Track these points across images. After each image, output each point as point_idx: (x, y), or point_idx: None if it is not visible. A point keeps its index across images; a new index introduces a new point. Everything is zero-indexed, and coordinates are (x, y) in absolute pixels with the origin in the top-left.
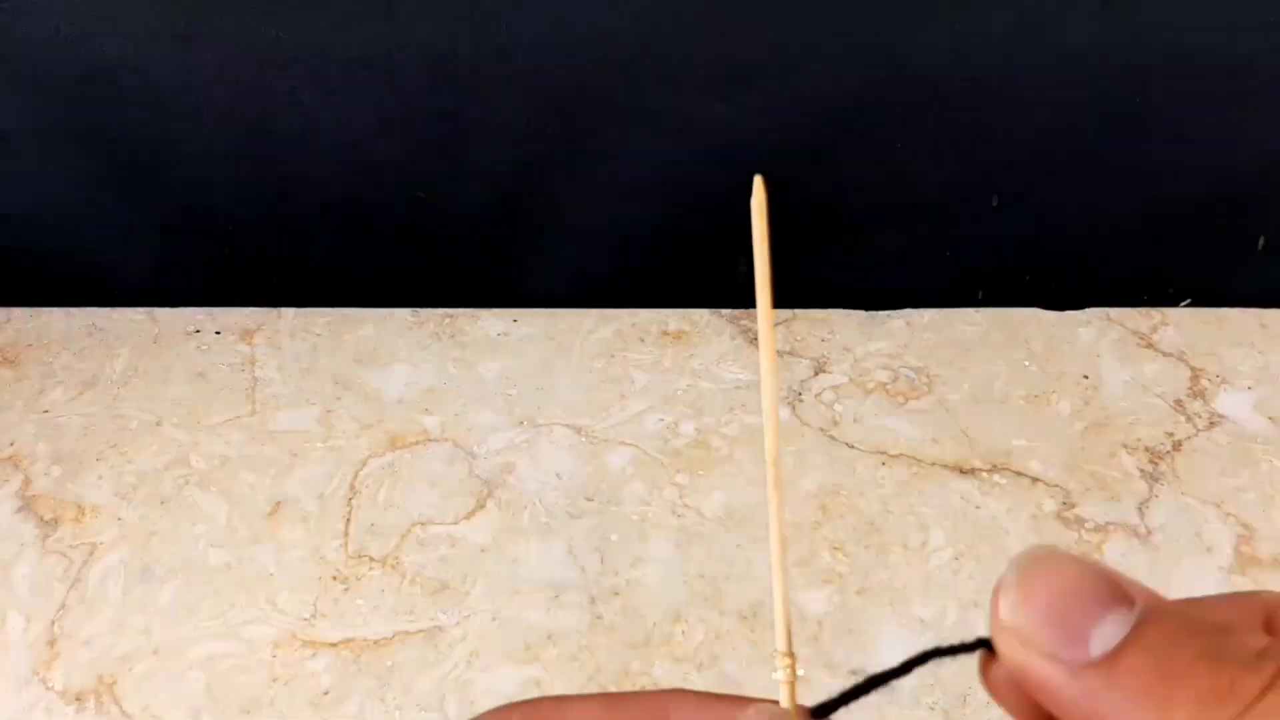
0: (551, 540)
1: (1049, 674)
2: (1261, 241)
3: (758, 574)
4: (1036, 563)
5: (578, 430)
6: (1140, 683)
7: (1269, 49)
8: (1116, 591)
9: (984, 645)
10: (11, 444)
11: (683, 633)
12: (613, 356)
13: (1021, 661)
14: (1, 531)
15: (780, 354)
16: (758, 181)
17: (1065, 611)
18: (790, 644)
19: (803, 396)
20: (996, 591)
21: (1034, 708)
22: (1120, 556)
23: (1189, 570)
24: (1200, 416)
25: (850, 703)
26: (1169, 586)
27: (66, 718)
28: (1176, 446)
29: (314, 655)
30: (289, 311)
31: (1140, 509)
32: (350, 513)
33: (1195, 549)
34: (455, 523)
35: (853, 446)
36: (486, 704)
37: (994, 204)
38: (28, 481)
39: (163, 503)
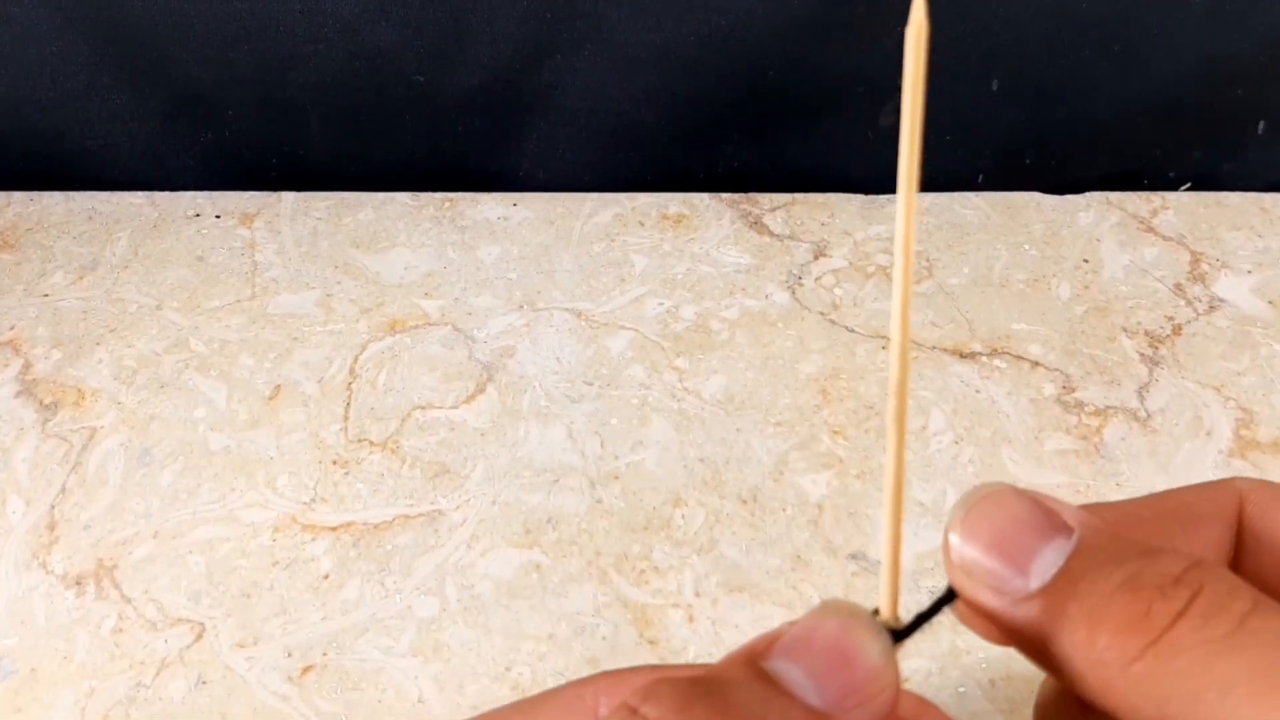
0: (551, 424)
1: (997, 606)
2: (1262, 125)
3: (756, 457)
4: (979, 500)
5: (577, 314)
6: (1069, 613)
7: None
8: (1054, 521)
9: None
10: (11, 328)
11: (683, 516)
12: (612, 240)
13: (972, 595)
14: (1, 415)
15: (780, 238)
16: (918, 2)
17: (1005, 546)
18: (896, 609)
19: (803, 280)
20: (946, 530)
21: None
22: (1120, 440)
23: (1189, 453)
24: (1200, 300)
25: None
26: (1169, 469)
27: (66, 601)
28: (1176, 330)
29: (313, 539)
30: (289, 195)
31: (1140, 393)
32: (350, 397)
33: (1195, 432)
34: (455, 407)
35: (853, 330)
36: (487, 588)
37: (994, 87)
38: (27, 365)
39: (162, 386)
